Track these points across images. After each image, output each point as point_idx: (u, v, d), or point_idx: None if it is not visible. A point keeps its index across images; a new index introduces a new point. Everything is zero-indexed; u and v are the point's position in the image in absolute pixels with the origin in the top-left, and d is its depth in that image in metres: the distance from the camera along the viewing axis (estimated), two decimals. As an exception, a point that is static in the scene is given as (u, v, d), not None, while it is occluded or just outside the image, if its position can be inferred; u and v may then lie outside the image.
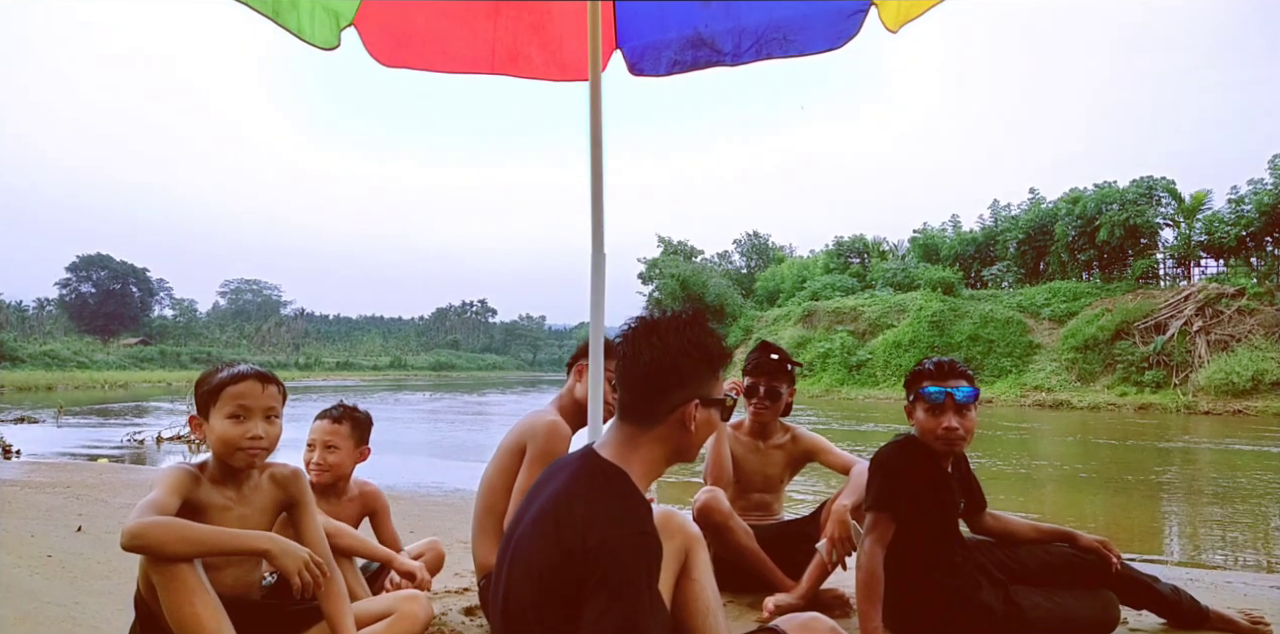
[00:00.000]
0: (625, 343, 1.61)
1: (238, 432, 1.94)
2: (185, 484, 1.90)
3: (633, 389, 1.59)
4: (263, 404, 2.00)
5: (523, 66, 3.29)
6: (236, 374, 2.02)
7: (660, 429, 1.57)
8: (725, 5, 3.11)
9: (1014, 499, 6.86)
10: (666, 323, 1.60)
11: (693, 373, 1.58)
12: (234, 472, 2.00)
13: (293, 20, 2.74)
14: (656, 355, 1.55)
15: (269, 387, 2.04)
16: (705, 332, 1.62)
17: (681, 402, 1.56)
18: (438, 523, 4.62)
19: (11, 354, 55.84)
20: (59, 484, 6.12)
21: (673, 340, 1.57)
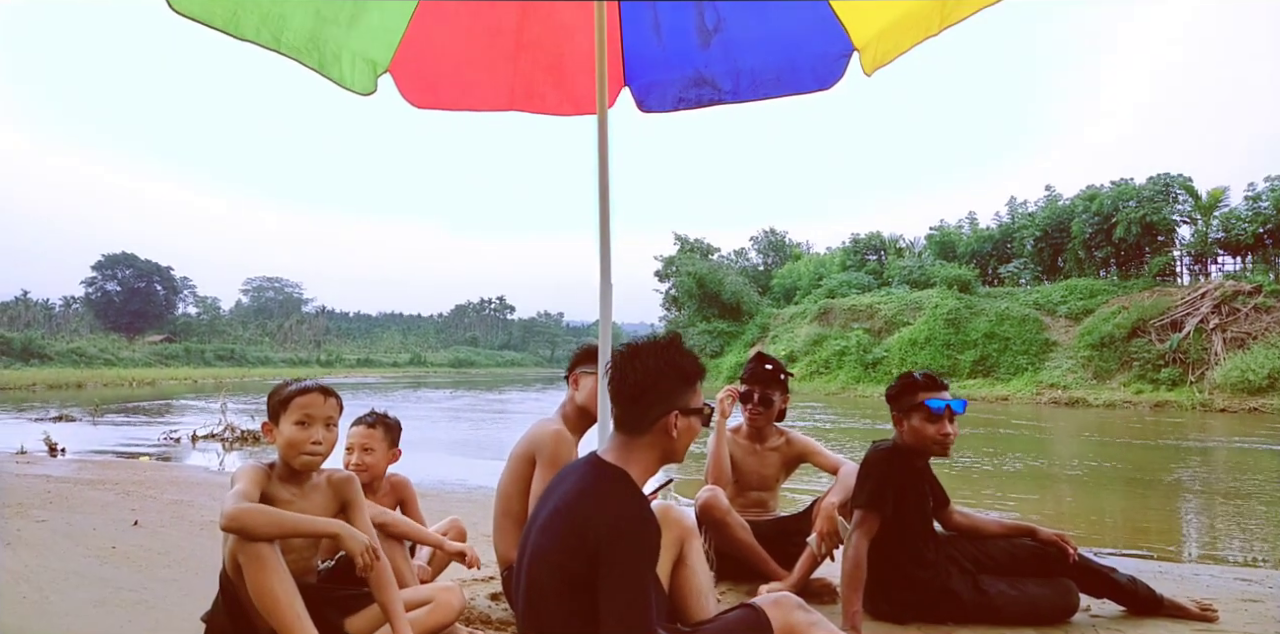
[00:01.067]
0: (614, 366, 1.93)
1: (303, 436, 2.29)
2: (261, 478, 2.26)
3: (623, 405, 1.90)
4: (324, 413, 2.36)
5: (537, 103, 3.61)
6: (304, 387, 2.38)
7: (649, 437, 1.88)
8: (724, 49, 3.42)
9: (1027, 498, 7.05)
10: (647, 347, 1.92)
11: (671, 389, 1.88)
12: (297, 472, 2.35)
13: (335, 71, 3.08)
14: (639, 376, 1.86)
15: (330, 399, 2.40)
16: (681, 353, 1.93)
17: (664, 413, 1.86)
18: (462, 516, 4.94)
19: (40, 352, 57.03)
20: (108, 481, 6.53)
21: (652, 362, 1.87)
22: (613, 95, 3.64)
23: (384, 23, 3.15)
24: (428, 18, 3.20)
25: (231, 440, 10.66)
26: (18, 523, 4.55)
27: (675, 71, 3.53)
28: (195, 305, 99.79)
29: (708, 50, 3.45)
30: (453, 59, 3.40)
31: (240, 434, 10.81)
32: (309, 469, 2.36)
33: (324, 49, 3.01)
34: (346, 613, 2.39)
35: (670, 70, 3.54)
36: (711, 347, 42.05)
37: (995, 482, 7.96)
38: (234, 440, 10.65)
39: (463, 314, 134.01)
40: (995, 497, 6.99)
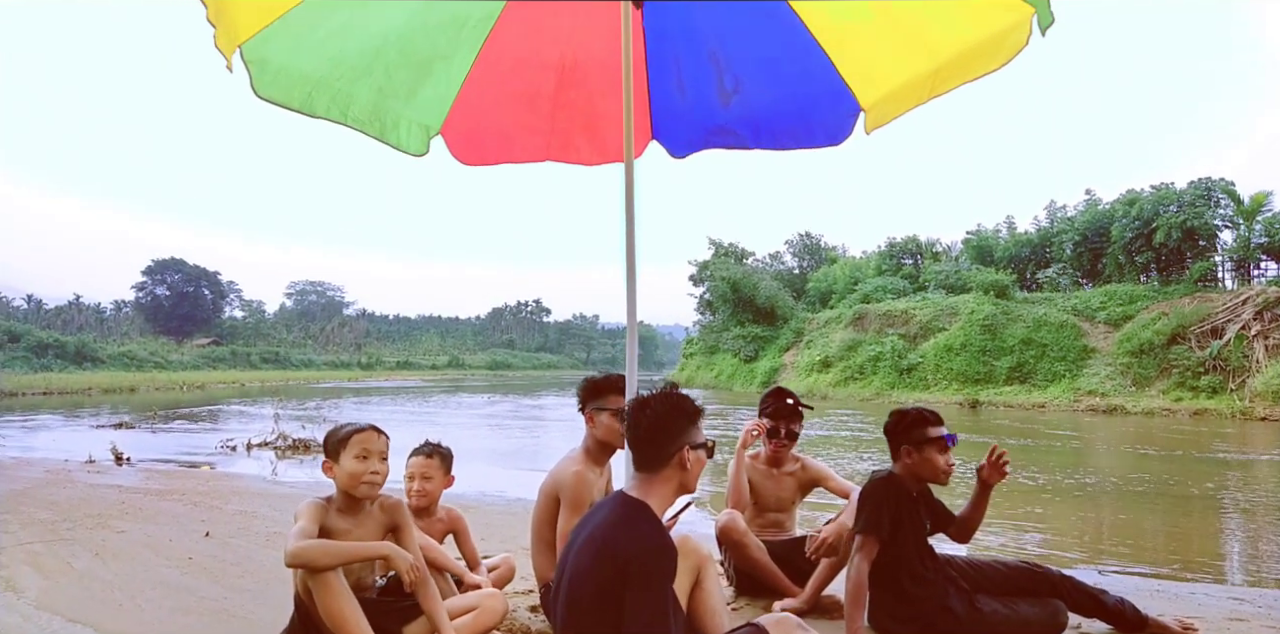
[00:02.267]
0: (629, 417, 2.28)
1: (363, 468, 2.68)
2: (319, 514, 2.66)
3: (640, 449, 2.26)
4: (378, 448, 2.75)
5: (572, 154, 3.97)
6: (361, 427, 2.77)
7: (666, 472, 2.24)
8: (743, 107, 3.74)
9: (1058, 515, 7.11)
10: (653, 397, 2.29)
11: (679, 428, 2.25)
12: (353, 502, 2.73)
13: (393, 137, 3.47)
14: (651, 421, 2.23)
15: (382, 436, 2.80)
16: (681, 397, 2.31)
17: (677, 450, 2.22)
18: (503, 531, 5.32)
19: (93, 355, 58.86)
20: (175, 491, 7.02)
21: (660, 408, 2.25)
22: (641, 146, 3.99)
23: (437, 93, 3.53)
24: (475, 86, 3.57)
25: (284, 448, 11.19)
26: (102, 534, 5.01)
27: (699, 124, 3.86)
28: (241, 308, 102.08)
29: (727, 108, 3.78)
30: (496, 121, 3.76)
31: (292, 442, 11.34)
32: (370, 497, 2.74)
33: (384, 119, 3.40)
34: (404, 622, 2.75)
35: (694, 123, 3.87)
36: (746, 351, 42.20)
37: (1029, 498, 8.06)
38: (286, 448, 11.17)
39: (499, 316, 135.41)
40: (1029, 513, 7.11)
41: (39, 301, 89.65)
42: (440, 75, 3.48)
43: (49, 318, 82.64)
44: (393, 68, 3.31)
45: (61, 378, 37.42)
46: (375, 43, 3.20)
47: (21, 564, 4.15)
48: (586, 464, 3.17)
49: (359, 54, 3.18)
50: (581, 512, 3.03)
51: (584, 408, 3.30)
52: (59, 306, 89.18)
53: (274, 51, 2.90)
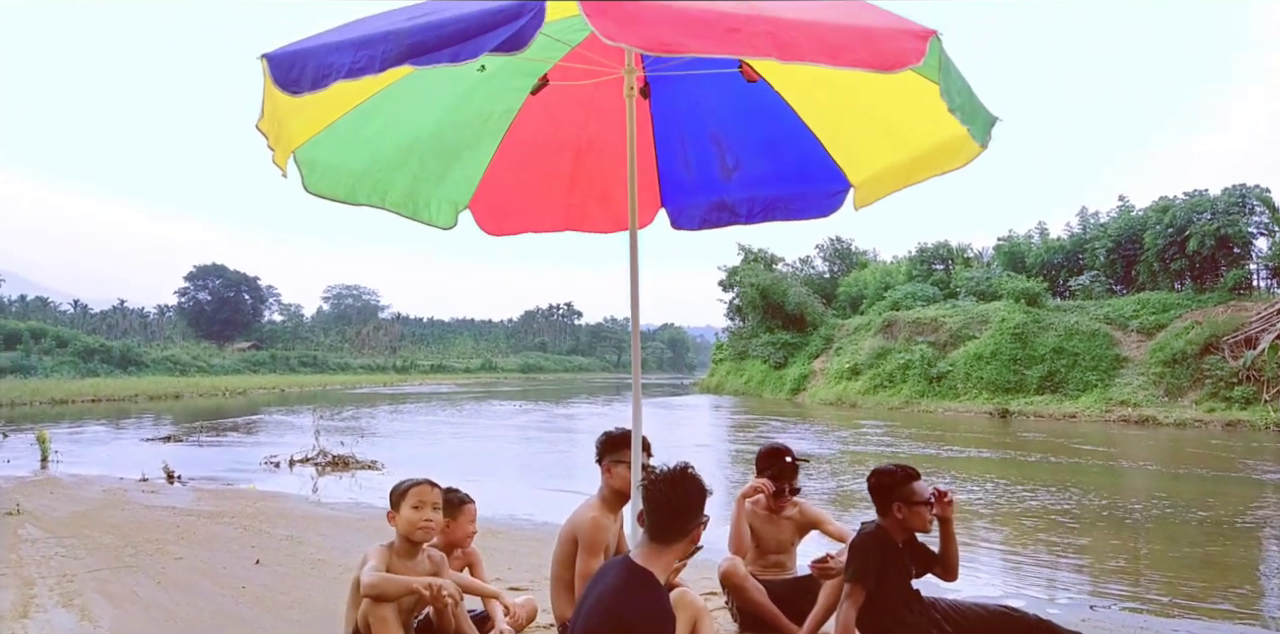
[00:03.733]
0: (653, 492, 2.60)
1: (418, 516, 3.13)
2: (386, 555, 3.13)
3: (660, 522, 2.57)
4: (432, 499, 3.21)
5: (588, 224, 4.33)
6: (418, 481, 3.23)
7: (677, 545, 2.58)
8: (743, 182, 4.07)
9: (1086, 544, 7.15)
10: (678, 478, 2.59)
11: (696, 510, 2.58)
12: (410, 548, 3.19)
13: (425, 214, 3.86)
14: (675, 503, 2.55)
15: (435, 489, 3.27)
16: (699, 483, 2.63)
17: (692, 528, 2.56)
18: (530, 559, 5.68)
19: (137, 359, 60.52)
20: (225, 514, 7.49)
21: (686, 491, 2.56)
22: (652, 214, 4.35)
23: (465, 174, 3.92)
24: (499, 167, 3.95)
25: (323, 465, 11.68)
26: (161, 560, 5.46)
27: (702, 197, 4.20)
28: (280, 313, 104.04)
29: (729, 182, 4.11)
30: (518, 196, 4.14)
31: (331, 459, 11.84)
32: (425, 540, 3.22)
33: (418, 200, 3.81)
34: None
35: (698, 196, 4.21)
36: (775, 357, 42.31)
37: (1055, 525, 8.11)
38: (325, 465, 11.67)
39: (532, 319, 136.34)
40: (1059, 543, 7.18)
41: (84, 306, 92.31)
42: (468, 160, 3.86)
43: (94, 322, 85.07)
44: (426, 158, 3.70)
45: (109, 384, 38.59)
46: (410, 139, 3.59)
47: (93, 593, 4.59)
48: (602, 511, 3.52)
49: (396, 149, 3.57)
50: (597, 555, 3.39)
51: (601, 460, 3.64)
52: (104, 311, 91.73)
53: (322, 153, 3.30)
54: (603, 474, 3.62)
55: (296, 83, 2.31)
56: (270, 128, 2.67)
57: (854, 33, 2.14)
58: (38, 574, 4.99)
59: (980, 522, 8.17)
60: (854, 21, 2.22)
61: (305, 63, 2.29)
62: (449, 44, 2.08)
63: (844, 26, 2.16)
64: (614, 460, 3.56)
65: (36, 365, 50.00)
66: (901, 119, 3.34)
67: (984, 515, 8.47)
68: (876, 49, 2.11)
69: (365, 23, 2.49)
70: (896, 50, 2.11)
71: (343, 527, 6.97)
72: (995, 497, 9.55)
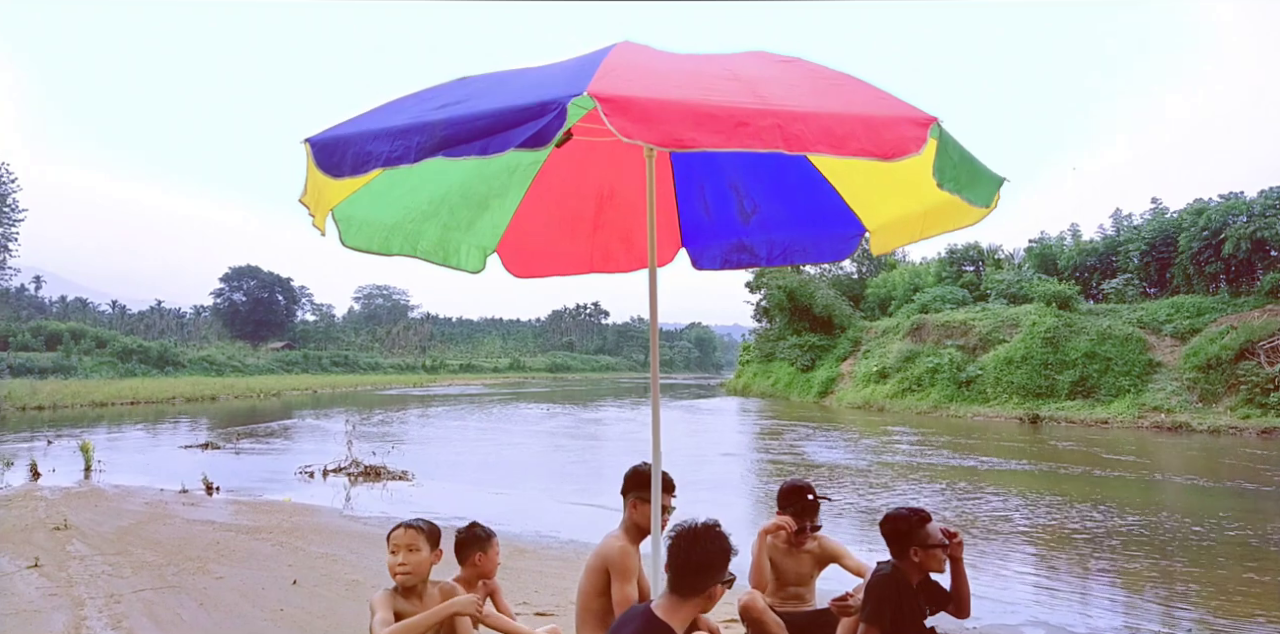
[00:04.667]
0: (680, 548, 2.69)
1: (393, 561, 3.13)
2: (390, 599, 3.19)
3: (684, 577, 2.67)
4: (404, 542, 3.15)
5: (611, 265, 4.47)
6: (396, 525, 3.24)
7: (697, 600, 2.68)
8: (760, 225, 4.19)
9: (1121, 566, 7.10)
10: (705, 534, 2.67)
11: (721, 568, 2.67)
12: (410, 589, 3.26)
13: (455, 260, 4.02)
14: (700, 560, 2.63)
15: (408, 531, 3.17)
16: (726, 541, 2.69)
17: (712, 584, 2.66)
18: (556, 582, 5.84)
19: (175, 359, 61.79)
20: (262, 529, 7.74)
21: (713, 549, 2.64)
22: (672, 253, 4.49)
23: (493, 221, 4.08)
24: (525, 214, 4.10)
25: (356, 475, 11.96)
26: (204, 580, 5.69)
27: (722, 239, 4.33)
28: (312, 313, 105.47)
29: (748, 225, 4.23)
30: (544, 241, 4.29)
31: (363, 469, 12.11)
32: (407, 584, 3.18)
33: (448, 248, 3.97)
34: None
35: (718, 237, 4.34)
36: (802, 360, 42.21)
37: (1083, 544, 8.07)
38: (358, 475, 11.95)
39: (559, 319, 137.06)
40: (1093, 567, 7.14)
41: (123, 307, 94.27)
42: (496, 208, 4.02)
43: (132, 322, 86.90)
44: (455, 208, 3.86)
45: (147, 385, 39.43)
46: (441, 192, 3.75)
47: (140, 615, 4.82)
48: (627, 541, 3.67)
49: (428, 202, 3.73)
50: (630, 580, 3.54)
51: (626, 493, 3.78)
52: (141, 312, 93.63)
53: (357, 210, 3.46)
54: (627, 507, 3.77)
55: (338, 167, 2.47)
56: (312, 200, 2.83)
57: (857, 123, 2.25)
58: (87, 594, 5.23)
59: (1016, 542, 8.19)
60: (858, 110, 2.33)
61: (346, 149, 2.45)
62: (478, 138, 2.23)
63: (848, 116, 2.28)
64: (639, 497, 3.70)
65: (76, 365, 51.26)
66: (913, 174, 3.44)
67: (1021, 535, 8.49)
68: (879, 139, 2.22)
69: (400, 106, 2.65)
70: (897, 140, 2.23)
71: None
72: (1032, 515, 9.50)
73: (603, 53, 2.65)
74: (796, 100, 2.33)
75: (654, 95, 2.20)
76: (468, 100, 2.46)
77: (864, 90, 2.54)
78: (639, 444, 17.51)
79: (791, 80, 2.57)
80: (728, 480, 12.42)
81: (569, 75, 2.42)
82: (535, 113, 2.15)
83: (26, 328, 60.16)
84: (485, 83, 2.72)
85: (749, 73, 2.54)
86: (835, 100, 2.41)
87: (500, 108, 2.22)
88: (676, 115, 2.15)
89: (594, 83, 2.19)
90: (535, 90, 2.32)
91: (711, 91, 2.31)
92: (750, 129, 2.17)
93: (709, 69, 2.57)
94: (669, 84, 2.37)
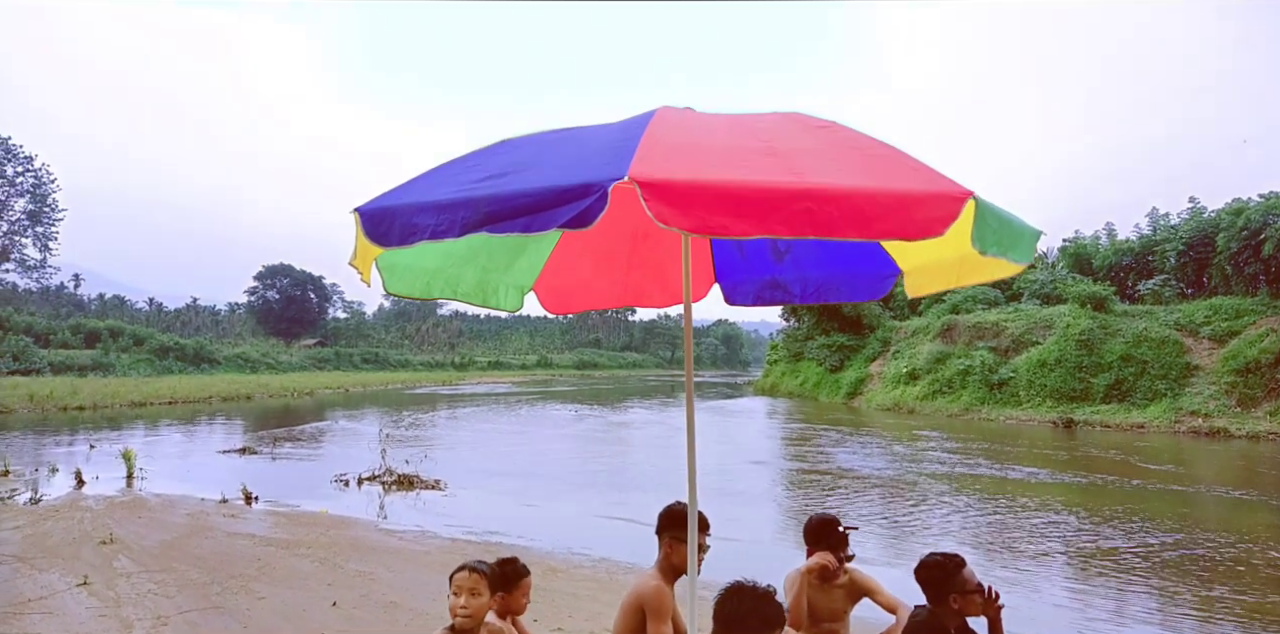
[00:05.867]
0: (722, 604, 2.71)
1: (454, 603, 3.24)
2: None
3: (727, 631, 2.74)
4: (467, 585, 3.26)
5: (645, 299, 4.54)
6: (461, 566, 3.34)
7: None
8: (794, 264, 4.23)
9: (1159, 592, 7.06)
10: (761, 597, 2.66)
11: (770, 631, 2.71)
12: (467, 630, 3.35)
13: (494, 301, 4.10)
14: (747, 622, 2.62)
15: (472, 575, 3.26)
16: (776, 609, 2.68)
17: None
18: (589, 605, 5.92)
19: (210, 356, 62.91)
20: (301, 543, 7.92)
21: (763, 616, 2.63)
22: (706, 289, 4.54)
23: (530, 262, 4.15)
24: (561, 253, 4.17)
25: (390, 483, 12.15)
26: (246, 601, 5.84)
27: (755, 276, 4.37)
28: (343, 310, 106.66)
29: (781, 264, 4.27)
30: (580, 278, 4.37)
31: (397, 478, 12.30)
32: (466, 627, 3.29)
33: (487, 289, 4.05)
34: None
35: (751, 274, 4.38)
36: (831, 360, 42.03)
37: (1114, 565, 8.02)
38: (391, 483, 12.14)
39: (586, 316, 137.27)
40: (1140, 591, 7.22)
41: (159, 304, 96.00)
42: (532, 250, 4.10)
43: (169, 320, 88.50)
44: (494, 251, 3.94)
45: (184, 384, 40.20)
46: (481, 238, 3.76)
47: (188, 638, 4.96)
48: (662, 581, 3.73)
49: (467, 247, 3.81)
50: (666, 620, 3.60)
51: (662, 532, 3.83)
52: (178, 309, 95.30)
53: (400, 258, 3.55)
54: (663, 547, 3.82)
55: (385, 237, 2.55)
56: (361, 263, 2.91)
57: (891, 201, 2.27)
58: (135, 616, 5.40)
59: (1062, 565, 8.14)
60: (893, 185, 2.36)
61: (393, 221, 2.53)
62: (521, 215, 2.29)
63: (882, 194, 2.29)
64: (675, 537, 3.75)
65: (115, 363, 52.41)
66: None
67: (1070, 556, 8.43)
68: (908, 219, 2.24)
69: (445, 175, 2.72)
70: (926, 220, 2.24)
71: (411, 561, 7.31)
72: (1078, 536, 9.40)
73: (643, 123, 2.70)
74: (831, 175, 2.36)
75: (691, 176, 2.24)
76: (510, 173, 2.53)
77: (900, 161, 2.56)
78: (670, 451, 17.61)
79: (827, 150, 2.60)
80: (758, 494, 12.39)
81: (611, 151, 2.47)
82: (578, 194, 2.20)
83: (66, 325, 61.49)
84: (528, 151, 2.79)
85: (785, 144, 2.58)
86: (871, 174, 2.44)
87: (543, 187, 2.27)
88: (712, 200, 2.18)
89: (635, 164, 2.24)
90: (578, 168, 2.38)
91: (747, 170, 2.35)
92: (780, 215, 2.20)
93: (746, 141, 2.61)
94: (706, 162, 2.42)
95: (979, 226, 2.40)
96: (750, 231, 2.19)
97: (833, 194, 2.25)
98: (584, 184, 2.20)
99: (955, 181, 2.39)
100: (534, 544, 8.34)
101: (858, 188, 2.30)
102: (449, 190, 2.52)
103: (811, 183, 2.27)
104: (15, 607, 5.55)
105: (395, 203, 2.60)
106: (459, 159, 2.89)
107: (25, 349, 47.66)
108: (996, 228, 2.57)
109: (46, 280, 73.82)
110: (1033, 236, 2.83)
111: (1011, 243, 2.66)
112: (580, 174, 2.28)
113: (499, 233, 2.34)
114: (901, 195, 2.30)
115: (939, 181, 2.40)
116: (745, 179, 2.27)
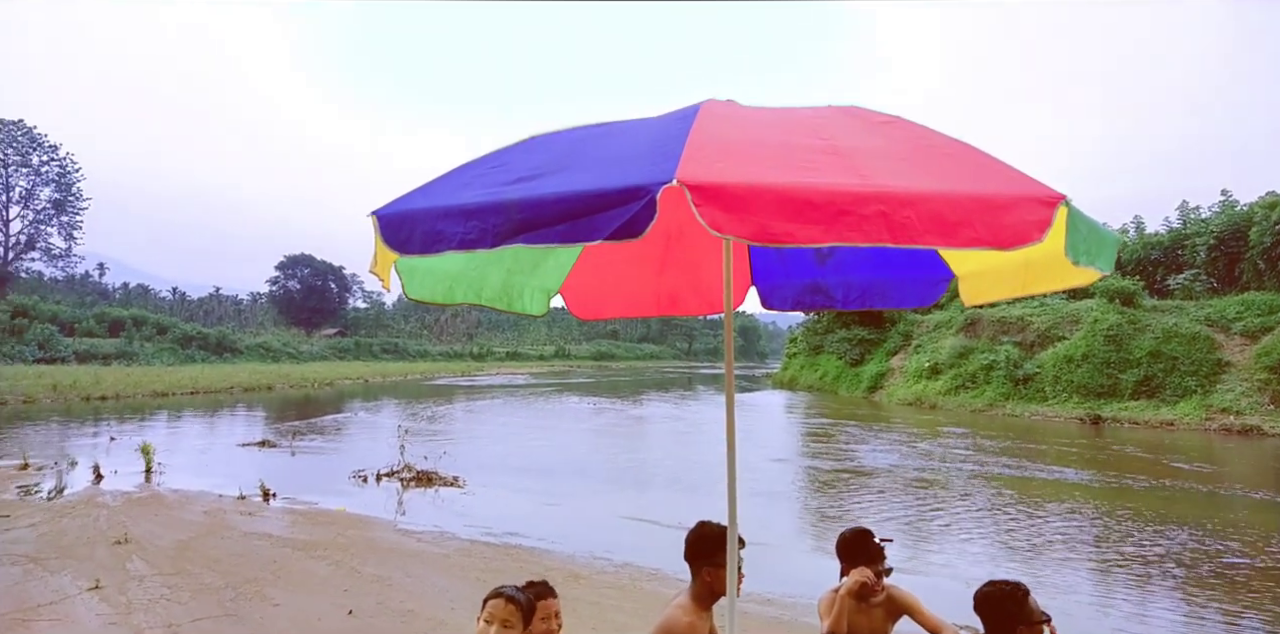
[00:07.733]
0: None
1: (483, 630, 3.07)
2: None
3: None
4: (501, 615, 3.07)
5: (680, 307, 4.29)
6: (496, 593, 3.14)
7: None
8: (837, 267, 3.97)
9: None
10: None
11: None
12: None
13: (519, 305, 3.87)
14: None
15: (508, 605, 3.12)
16: None
17: None
18: (613, 615, 5.72)
19: (232, 346, 63.31)
20: (318, 545, 7.77)
21: None
22: (743, 294, 4.29)
23: (557, 264, 3.92)
24: (590, 254, 3.94)
25: (408, 480, 12.01)
26: (261, 608, 5.68)
27: (795, 279, 4.12)
28: (363, 300, 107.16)
29: (823, 267, 4.01)
30: (610, 281, 4.13)
31: (416, 474, 12.17)
32: None
33: (511, 293, 3.82)
34: None
35: (790, 278, 4.13)
36: (851, 354, 41.63)
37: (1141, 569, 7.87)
38: (410, 480, 12.00)
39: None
40: (1145, 602, 7.01)
41: (183, 293, 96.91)
42: (560, 251, 3.86)
43: (192, 309, 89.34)
44: (520, 253, 3.70)
45: (206, 374, 40.38)
46: (505, 236, 3.59)
47: (201, 648, 4.80)
48: (696, 612, 3.49)
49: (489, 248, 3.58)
50: None
51: (695, 560, 3.59)
52: (200, 298, 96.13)
53: (421, 261, 3.32)
54: (699, 575, 3.58)
55: (405, 245, 2.32)
56: (382, 270, 2.69)
57: (973, 205, 2.01)
58: (145, 623, 5.25)
59: (1088, 567, 7.89)
60: (973, 188, 2.10)
61: (415, 227, 2.29)
62: (560, 222, 2.06)
63: (961, 197, 2.03)
64: (713, 563, 3.51)
65: (138, 352, 52.83)
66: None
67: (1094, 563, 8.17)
68: (996, 225, 1.98)
69: (470, 175, 2.48)
70: (1018, 226, 1.98)
71: (428, 565, 7.14)
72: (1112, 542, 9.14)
73: (688, 118, 2.45)
74: (902, 177, 2.11)
75: (746, 178, 1.99)
76: (544, 174, 2.29)
77: (978, 160, 2.30)
78: (690, 448, 17.38)
79: (895, 149, 2.34)
80: (782, 495, 12.10)
81: (654, 150, 2.22)
82: (623, 198, 1.96)
83: (90, 314, 62.04)
84: (561, 149, 2.53)
85: (847, 142, 2.32)
86: (946, 175, 2.19)
87: (582, 190, 2.03)
88: (773, 205, 1.93)
89: (683, 165, 2.00)
90: (619, 169, 2.14)
91: (808, 170, 2.10)
92: (851, 219, 1.94)
93: (803, 138, 2.35)
94: (762, 161, 2.17)
95: (1071, 234, 2.14)
96: (818, 239, 1.93)
97: (907, 196, 1.99)
98: (628, 188, 1.96)
99: (1043, 183, 2.14)
100: (555, 547, 8.16)
101: (934, 190, 2.04)
102: (475, 193, 2.28)
103: (882, 185, 2.02)
104: (25, 612, 5.43)
105: (416, 206, 2.36)
106: (484, 158, 2.64)
107: (51, 338, 48.08)
108: (1087, 235, 2.31)
109: (71, 269, 74.56)
110: (1115, 243, 2.57)
111: (1099, 250, 2.39)
112: (622, 176, 2.04)
113: (534, 243, 2.10)
114: (986, 199, 2.04)
115: (1025, 183, 2.14)
116: (808, 181, 2.03)
